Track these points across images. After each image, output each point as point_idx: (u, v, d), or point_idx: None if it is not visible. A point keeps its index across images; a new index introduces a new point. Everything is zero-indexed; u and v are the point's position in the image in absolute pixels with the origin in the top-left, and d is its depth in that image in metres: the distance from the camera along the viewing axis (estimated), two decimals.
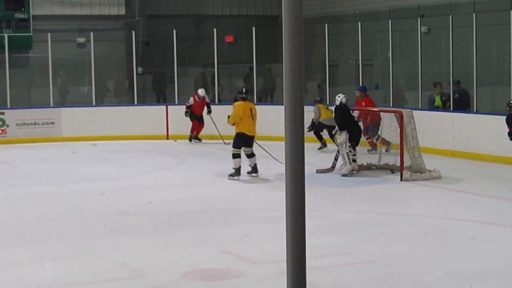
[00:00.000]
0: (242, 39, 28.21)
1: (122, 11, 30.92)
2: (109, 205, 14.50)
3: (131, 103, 27.27)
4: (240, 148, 17.18)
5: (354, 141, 17.42)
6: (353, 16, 26.29)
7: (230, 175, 17.13)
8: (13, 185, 16.89)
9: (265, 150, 15.84)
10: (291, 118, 2.75)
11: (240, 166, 17.11)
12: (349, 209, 14.02)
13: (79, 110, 26.28)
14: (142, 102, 27.43)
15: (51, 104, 26.32)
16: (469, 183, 16.29)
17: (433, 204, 14.42)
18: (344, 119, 17.57)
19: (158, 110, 26.07)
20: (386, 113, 18.31)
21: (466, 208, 13.86)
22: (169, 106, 26.09)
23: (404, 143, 16.74)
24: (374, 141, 20.42)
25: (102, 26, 29.12)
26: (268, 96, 29.15)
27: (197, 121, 24.32)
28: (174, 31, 26.36)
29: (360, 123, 18.48)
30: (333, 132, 18.08)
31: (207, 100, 24.68)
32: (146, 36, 29.69)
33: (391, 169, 17.45)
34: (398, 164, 16.88)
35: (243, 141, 17.25)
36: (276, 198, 12.12)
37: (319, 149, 21.57)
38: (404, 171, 16.67)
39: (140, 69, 27.95)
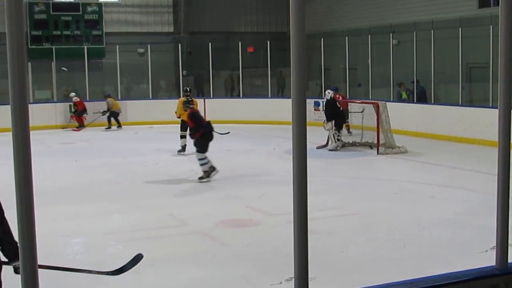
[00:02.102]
0: (260, 49, 28.14)
1: (171, 29, 30.95)
2: (162, 172, 14.51)
3: (178, 96, 27.25)
4: (185, 131, 16.58)
5: (339, 126, 17.49)
6: (342, 32, 26.18)
7: (179, 151, 17.20)
8: (90, 157, 16.95)
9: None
10: (297, 108, 2.73)
11: (185, 145, 17.08)
12: (339, 175, 13.98)
13: (139, 102, 26.31)
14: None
15: (119, 98, 26.37)
16: (428, 156, 16.21)
17: (402, 172, 14.40)
18: (331, 111, 17.58)
19: (198, 102, 25.97)
20: (367, 104, 18.25)
21: (426, 174, 13.79)
22: (206, 99, 26.08)
23: (379, 126, 16.72)
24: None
25: (156, 40, 29.09)
26: (280, 91, 29.10)
27: None
28: (210, 44, 26.40)
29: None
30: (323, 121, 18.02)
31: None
32: (189, 47, 29.65)
33: (370, 146, 17.40)
34: (375, 141, 16.85)
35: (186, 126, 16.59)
36: (285, 167, 12.08)
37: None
38: (380, 147, 16.66)
39: (184, 72, 27.96)
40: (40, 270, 2.40)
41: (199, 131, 13.39)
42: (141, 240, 8.94)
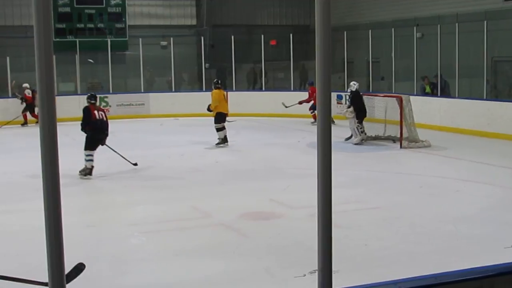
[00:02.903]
0: (282, 42, 28.08)
1: (194, 22, 31.00)
2: (186, 164, 14.57)
3: (200, 89, 27.35)
4: (220, 123, 17.12)
5: (360, 118, 17.40)
6: (365, 25, 26.06)
7: (217, 144, 17.16)
8: (116, 149, 17.00)
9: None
10: (322, 100, 2.72)
11: (225, 136, 17.20)
12: (362, 169, 13.93)
13: (162, 95, 26.39)
14: (209, 89, 27.41)
15: (142, 90, 26.49)
16: (452, 150, 16.10)
17: (425, 166, 14.30)
18: (358, 102, 17.51)
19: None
20: (390, 98, 18.16)
21: (450, 168, 13.71)
22: (228, 92, 26.08)
23: (403, 120, 16.63)
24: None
25: (179, 33, 29.12)
26: (302, 85, 29.05)
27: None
28: (232, 37, 26.37)
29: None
30: (346, 110, 17.93)
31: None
32: (212, 40, 29.68)
33: (393, 139, 17.29)
34: (398, 135, 16.77)
35: (223, 117, 17.20)
36: (308, 160, 12.05)
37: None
38: (403, 141, 16.56)
39: (207, 64, 28.02)
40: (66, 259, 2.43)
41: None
42: (164, 232, 8.99)
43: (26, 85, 23.44)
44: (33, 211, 9.32)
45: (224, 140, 17.26)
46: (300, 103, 22.71)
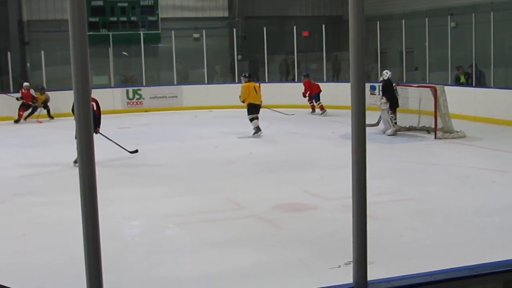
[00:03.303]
0: (315, 33, 27.99)
1: (226, 14, 31.07)
2: (220, 155, 14.62)
3: (233, 81, 27.40)
4: (254, 113, 17.47)
5: (393, 108, 17.28)
6: (398, 15, 25.89)
7: (253, 134, 17.43)
8: (149, 141, 17.12)
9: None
10: (356, 91, 2.72)
11: (258, 125, 17.47)
12: (396, 160, 13.86)
13: (195, 87, 26.44)
14: (241, 80, 27.49)
15: (175, 83, 26.61)
16: (487, 140, 15.93)
17: (460, 156, 14.18)
18: (389, 91, 17.40)
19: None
20: (424, 88, 18.02)
21: (486, 159, 13.56)
22: (261, 84, 26.09)
23: (437, 110, 16.50)
24: (316, 105, 23.34)
25: (211, 25, 29.20)
26: (335, 76, 28.96)
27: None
28: (264, 28, 26.35)
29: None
30: (379, 101, 17.81)
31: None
32: (244, 32, 29.71)
33: (427, 130, 17.15)
34: (433, 126, 16.63)
35: (254, 108, 17.49)
36: (341, 152, 12.05)
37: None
38: (437, 132, 16.43)
39: (239, 56, 28.06)
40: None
41: None
42: (198, 223, 9.04)
43: (26, 84, 23.40)
44: (70, 202, 9.47)
45: (258, 130, 17.50)
46: (304, 95, 23.74)
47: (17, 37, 27.02)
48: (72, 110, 14.26)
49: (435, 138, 16.30)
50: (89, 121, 2.42)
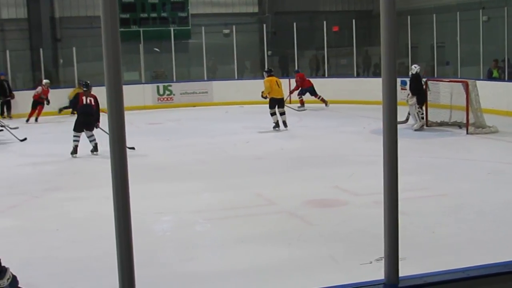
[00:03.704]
0: (345, 28, 27.85)
1: (256, 10, 31.09)
2: (251, 151, 14.65)
3: (263, 77, 27.22)
4: (274, 108, 17.83)
5: (420, 103, 17.14)
6: (429, 9, 25.69)
7: (274, 128, 17.84)
8: (180, 137, 17.22)
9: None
10: (387, 86, 2.70)
11: (277, 120, 17.82)
12: (427, 155, 13.74)
13: (225, 83, 26.51)
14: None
15: (205, 78, 26.69)
16: None
17: (492, 152, 14.04)
18: (416, 86, 17.26)
19: (283, 82, 25.95)
20: (455, 83, 17.86)
21: None
22: (291, 79, 26.09)
23: (469, 105, 16.35)
24: (318, 99, 23.66)
25: (241, 21, 29.23)
26: (365, 71, 28.83)
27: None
28: (294, 23, 26.30)
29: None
30: (406, 96, 17.67)
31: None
32: (274, 27, 29.68)
33: (459, 125, 16.99)
34: (464, 121, 16.48)
35: (276, 102, 17.85)
36: (373, 147, 12.02)
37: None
38: (469, 127, 16.27)
39: (269, 52, 28.03)
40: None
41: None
42: (229, 219, 9.06)
43: (47, 81, 23.19)
44: (102, 197, 9.54)
45: (277, 125, 17.85)
46: (291, 92, 24.10)
47: (49, 34, 27.28)
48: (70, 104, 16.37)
49: (467, 133, 16.14)
50: (121, 117, 2.44)
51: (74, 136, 14.57)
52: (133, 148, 14.09)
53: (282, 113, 18.10)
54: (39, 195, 10.81)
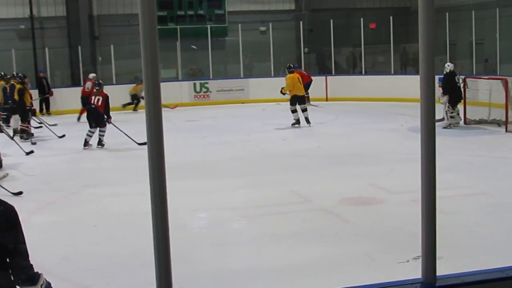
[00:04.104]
0: (382, 25, 27.67)
1: (292, 7, 31.00)
2: (287, 148, 14.66)
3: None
4: (295, 105, 18.00)
5: (454, 102, 16.94)
6: (468, 6, 25.37)
7: (292, 124, 18.01)
8: (216, 134, 17.27)
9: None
10: (425, 83, 2.69)
11: (298, 118, 17.97)
12: (466, 153, 13.60)
13: (261, 80, 26.48)
14: (308, 72, 27.49)
15: (241, 76, 26.73)
16: None
17: None
18: (449, 84, 17.04)
19: (320, 79, 25.99)
20: (494, 80, 17.64)
21: None
22: (328, 77, 26.03)
23: (508, 102, 16.13)
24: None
25: (277, 18, 29.19)
26: (403, 68, 28.61)
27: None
28: (331, 21, 26.22)
29: None
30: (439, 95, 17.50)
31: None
32: (310, 24, 29.59)
33: (498, 123, 16.78)
34: (504, 119, 16.27)
35: (297, 99, 17.85)
36: (411, 145, 11.91)
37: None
38: (509, 125, 16.06)
39: (306, 49, 27.99)
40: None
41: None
42: (264, 216, 9.07)
43: (93, 75, 22.15)
44: (139, 194, 9.61)
45: (297, 122, 18.05)
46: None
47: (88, 32, 27.54)
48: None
49: (506, 131, 15.93)
50: (158, 113, 2.46)
51: (88, 131, 15.50)
52: (144, 144, 14.31)
53: (304, 110, 18.26)
54: (77, 191, 10.94)
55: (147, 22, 2.40)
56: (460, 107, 17.25)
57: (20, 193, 10.47)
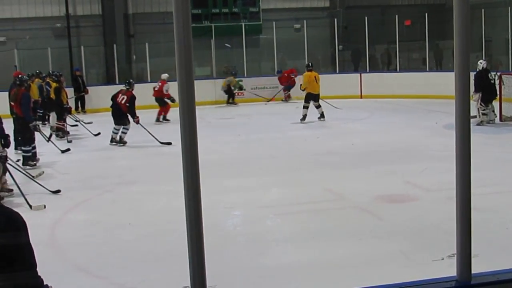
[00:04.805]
0: (417, 22, 27.45)
1: (327, 4, 30.92)
2: (322, 146, 14.62)
3: (334, 71, 27.31)
4: (309, 102, 18.56)
5: (486, 100, 16.70)
6: (504, 2, 25.07)
7: (301, 120, 18.49)
8: (250, 132, 17.30)
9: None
10: (460, 80, 2.67)
11: (306, 114, 18.57)
12: (501, 151, 13.45)
13: (296, 78, 26.42)
14: (342, 71, 27.45)
15: (276, 73, 26.70)
16: None
17: None
18: (481, 82, 16.80)
19: (354, 76, 25.90)
20: None
21: None
22: (362, 74, 25.90)
23: None
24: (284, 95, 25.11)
25: (312, 16, 29.15)
26: (438, 65, 28.34)
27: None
28: (366, 18, 26.09)
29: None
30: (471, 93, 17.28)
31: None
32: (345, 22, 29.46)
33: None
34: None
35: (311, 97, 18.51)
36: (445, 142, 11.82)
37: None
38: None
39: (340, 46, 27.89)
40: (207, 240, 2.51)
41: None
42: (298, 214, 9.07)
43: (165, 75, 20.79)
44: (173, 192, 9.66)
45: (304, 118, 18.47)
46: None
47: (123, 30, 27.75)
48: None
49: None
50: (192, 112, 2.47)
51: (113, 128, 15.85)
52: (169, 143, 14.43)
53: (318, 106, 18.65)
54: (112, 189, 11.02)
55: (181, 20, 2.41)
56: (495, 104, 17.04)
57: (58, 191, 10.60)
